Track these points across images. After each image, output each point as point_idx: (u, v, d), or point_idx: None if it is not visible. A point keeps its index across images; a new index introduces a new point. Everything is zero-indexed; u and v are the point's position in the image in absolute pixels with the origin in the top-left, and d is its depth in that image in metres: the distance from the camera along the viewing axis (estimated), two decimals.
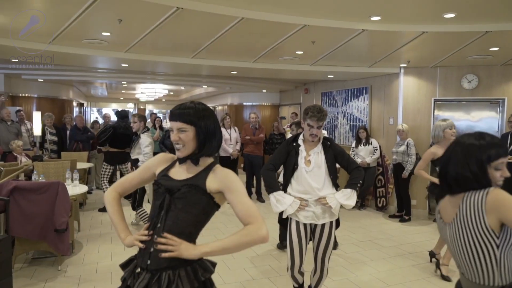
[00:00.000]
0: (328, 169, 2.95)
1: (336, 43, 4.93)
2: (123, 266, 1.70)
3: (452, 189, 1.58)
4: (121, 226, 1.72)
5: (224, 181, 1.62)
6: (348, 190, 2.95)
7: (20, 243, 3.87)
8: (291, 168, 3.01)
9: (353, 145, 6.93)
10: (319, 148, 2.98)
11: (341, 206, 2.98)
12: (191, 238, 1.63)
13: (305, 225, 3.02)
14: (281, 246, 4.75)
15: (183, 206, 1.61)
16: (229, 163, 7.40)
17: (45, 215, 3.78)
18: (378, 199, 6.93)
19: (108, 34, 4.55)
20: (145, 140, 5.18)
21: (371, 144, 6.69)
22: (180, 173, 1.70)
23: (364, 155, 6.70)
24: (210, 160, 1.72)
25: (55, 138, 7.35)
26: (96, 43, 4.90)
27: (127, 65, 6.33)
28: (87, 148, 7.48)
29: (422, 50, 5.35)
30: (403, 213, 6.26)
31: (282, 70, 6.72)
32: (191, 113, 1.63)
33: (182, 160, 1.69)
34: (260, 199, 7.39)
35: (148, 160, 1.85)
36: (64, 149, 7.39)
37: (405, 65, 6.29)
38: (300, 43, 4.96)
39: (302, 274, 3.15)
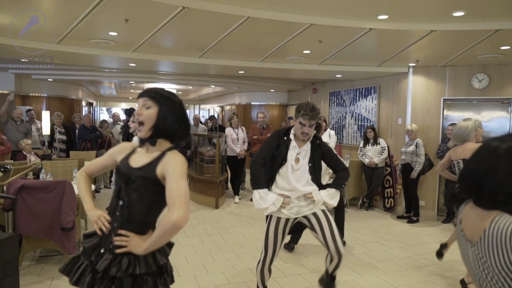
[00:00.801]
0: (310, 169, 2.93)
1: (343, 42, 4.88)
2: (86, 236, 1.83)
3: (481, 204, 1.26)
4: (85, 199, 1.86)
5: (165, 166, 1.65)
6: (333, 190, 2.95)
7: (27, 241, 3.91)
8: (279, 162, 2.95)
9: (361, 145, 6.87)
10: (308, 146, 2.97)
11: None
12: (148, 226, 1.75)
13: (286, 221, 2.99)
14: (287, 246, 4.72)
15: (138, 198, 1.70)
16: (236, 162, 7.40)
17: (52, 213, 3.81)
18: (386, 200, 6.86)
19: (115, 34, 4.57)
20: (135, 140, 5.18)
21: (379, 144, 6.62)
22: (138, 159, 1.77)
23: (372, 155, 6.64)
24: (167, 145, 1.76)
25: (64, 137, 7.42)
26: (104, 43, 4.93)
27: (134, 64, 6.36)
28: (95, 147, 7.53)
29: (431, 49, 5.28)
30: (412, 214, 6.18)
31: (290, 70, 6.69)
32: (158, 91, 1.74)
33: (142, 142, 1.77)
34: None
35: (112, 148, 1.97)
36: (73, 148, 7.46)
37: (414, 64, 6.21)
38: (307, 42, 4.93)
39: (270, 271, 3.15)
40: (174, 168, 1.62)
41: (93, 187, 4.97)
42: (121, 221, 1.70)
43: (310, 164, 2.93)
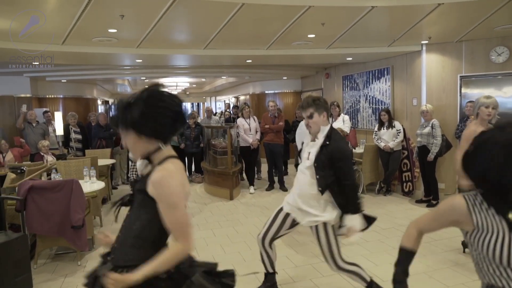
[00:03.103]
0: (315, 169, 2.73)
1: (347, 23, 4.69)
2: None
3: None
4: None
5: (153, 184, 1.51)
6: (349, 217, 2.71)
7: (41, 240, 4.00)
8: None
9: (376, 128, 6.67)
10: (318, 143, 2.77)
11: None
12: (147, 242, 1.60)
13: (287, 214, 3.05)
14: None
15: (136, 212, 1.62)
16: (249, 153, 7.35)
17: (62, 212, 3.88)
18: (405, 184, 6.66)
19: (115, 31, 4.55)
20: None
21: (394, 127, 6.41)
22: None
23: (387, 138, 6.44)
24: (165, 153, 1.58)
25: (80, 137, 7.56)
26: (106, 40, 4.94)
27: (141, 60, 6.37)
28: (110, 145, 7.64)
29: (443, 24, 5.00)
30: (431, 197, 5.97)
31: (298, 56, 6.53)
32: (118, 116, 1.55)
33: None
34: (283, 187, 7.29)
35: None
36: (89, 147, 7.60)
37: (427, 41, 5.92)
38: (310, 26, 4.76)
39: (265, 250, 3.15)
40: (162, 197, 1.49)
41: (102, 184, 5.05)
42: (120, 239, 1.65)
43: (315, 165, 2.74)
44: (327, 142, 2.72)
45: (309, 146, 2.85)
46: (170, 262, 1.53)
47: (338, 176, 2.71)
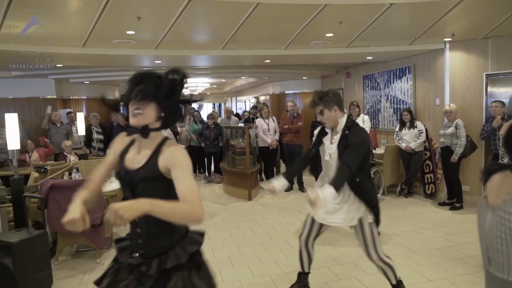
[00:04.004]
0: (339, 161, 2.70)
1: (366, 21, 4.59)
2: (118, 240, 1.85)
3: None
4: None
5: (170, 157, 1.58)
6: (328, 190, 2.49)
7: (62, 238, 4.09)
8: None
9: (397, 129, 6.51)
10: (338, 136, 2.76)
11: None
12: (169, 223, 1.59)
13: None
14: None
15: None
16: (268, 153, 7.32)
17: None
18: (427, 186, 6.46)
19: (133, 32, 4.62)
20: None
21: (416, 127, 6.22)
22: (134, 158, 1.68)
23: (408, 139, 6.27)
24: (160, 136, 1.66)
25: (101, 137, 7.74)
26: (125, 42, 5.02)
27: (160, 61, 6.44)
28: None
29: (467, 20, 4.82)
30: (454, 200, 5.77)
31: (317, 55, 6.45)
32: (151, 85, 1.57)
33: (130, 133, 1.66)
34: (302, 189, 7.23)
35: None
36: None
37: (450, 39, 5.72)
38: (327, 25, 4.70)
39: (307, 250, 3.07)
40: (184, 161, 1.56)
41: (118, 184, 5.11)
42: (144, 226, 1.65)
43: (336, 159, 2.71)
44: (347, 132, 2.71)
45: (329, 141, 2.83)
46: (181, 214, 1.46)
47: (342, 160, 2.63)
